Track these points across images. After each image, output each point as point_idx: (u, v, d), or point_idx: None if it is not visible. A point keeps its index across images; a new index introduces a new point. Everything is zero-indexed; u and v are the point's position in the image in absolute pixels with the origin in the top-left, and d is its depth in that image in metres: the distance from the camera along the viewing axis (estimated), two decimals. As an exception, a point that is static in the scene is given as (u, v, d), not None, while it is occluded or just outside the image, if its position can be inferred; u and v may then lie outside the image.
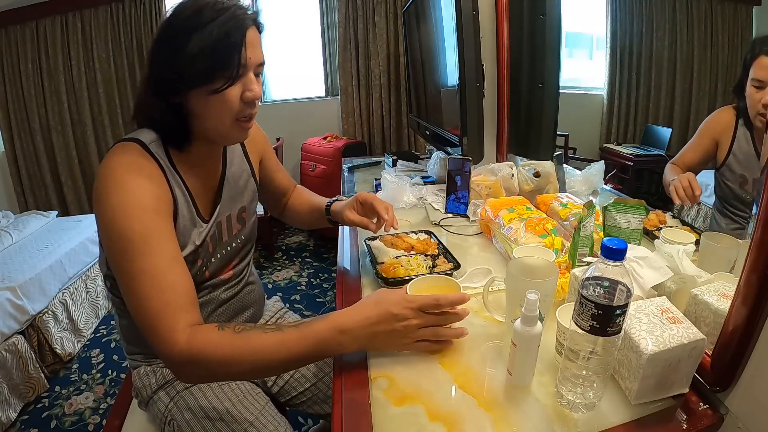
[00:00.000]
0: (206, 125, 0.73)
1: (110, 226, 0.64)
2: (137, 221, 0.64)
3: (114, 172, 0.67)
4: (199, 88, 0.67)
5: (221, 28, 0.65)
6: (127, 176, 0.66)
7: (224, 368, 0.62)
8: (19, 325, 1.78)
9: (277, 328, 0.64)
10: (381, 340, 0.65)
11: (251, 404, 0.84)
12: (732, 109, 0.98)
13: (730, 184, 1.02)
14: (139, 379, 0.88)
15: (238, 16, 0.67)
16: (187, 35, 0.65)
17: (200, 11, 0.65)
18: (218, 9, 0.66)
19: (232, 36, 0.66)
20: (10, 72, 3.02)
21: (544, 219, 0.99)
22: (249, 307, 0.97)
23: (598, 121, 1.47)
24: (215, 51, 0.65)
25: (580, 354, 0.54)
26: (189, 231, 0.77)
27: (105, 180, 0.66)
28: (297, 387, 1.00)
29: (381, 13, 3.10)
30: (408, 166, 1.94)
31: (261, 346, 0.62)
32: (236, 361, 0.62)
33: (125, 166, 0.68)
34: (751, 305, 0.53)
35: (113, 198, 0.65)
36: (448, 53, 1.36)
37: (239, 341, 0.62)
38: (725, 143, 1.01)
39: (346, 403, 0.62)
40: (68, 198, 3.29)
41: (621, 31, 1.33)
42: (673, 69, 1.21)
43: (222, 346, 0.61)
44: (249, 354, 0.62)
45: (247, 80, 0.70)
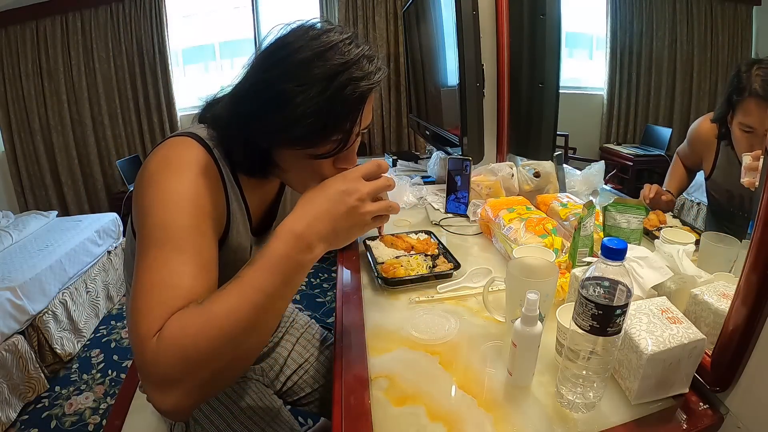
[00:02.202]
0: (288, 177, 0.66)
1: (152, 209, 0.56)
2: (182, 213, 0.56)
3: (173, 159, 0.60)
4: (299, 150, 0.58)
5: (346, 90, 0.54)
6: (185, 168, 0.59)
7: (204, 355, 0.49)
8: (19, 325, 1.78)
9: (234, 279, 0.53)
10: (342, 225, 0.55)
11: (269, 403, 0.83)
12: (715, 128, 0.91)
13: (718, 197, 1.01)
14: None
15: (370, 73, 0.56)
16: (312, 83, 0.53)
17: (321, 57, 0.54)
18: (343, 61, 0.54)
19: (357, 101, 0.56)
20: (10, 72, 3.02)
21: (544, 219, 0.99)
22: None
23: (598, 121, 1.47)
24: (333, 115, 0.55)
25: (580, 354, 0.54)
26: (243, 249, 0.72)
27: (161, 165, 0.59)
28: (305, 388, 0.99)
29: (381, 13, 3.10)
30: (408, 166, 1.95)
31: (227, 304, 0.50)
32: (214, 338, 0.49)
33: (186, 158, 0.60)
34: (751, 305, 0.53)
35: (165, 183, 0.57)
36: (448, 53, 1.36)
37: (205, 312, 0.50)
38: (709, 158, 0.99)
39: (346, 403, 0.62)
40: (68, 198, 3.29)
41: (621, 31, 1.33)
42: (673, 69, 1.21)
43: (189, 326, 0.49)
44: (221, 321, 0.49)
45: (349, 151, 0.61)
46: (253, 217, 0.74)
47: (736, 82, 0.81)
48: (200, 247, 0.57)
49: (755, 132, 0.78)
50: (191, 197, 0.58)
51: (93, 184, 3.31)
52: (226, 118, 0.62)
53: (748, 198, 0.88)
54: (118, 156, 3.25)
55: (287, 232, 0.53)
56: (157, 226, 0.55)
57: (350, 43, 0.56)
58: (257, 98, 0.57)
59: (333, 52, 0.55)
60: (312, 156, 0.59)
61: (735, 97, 0.81)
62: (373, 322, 0.81)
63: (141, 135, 3.27)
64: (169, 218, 0.55)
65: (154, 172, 0.58)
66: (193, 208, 0.57)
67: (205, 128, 0.66)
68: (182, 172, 0.59)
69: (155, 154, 0.61)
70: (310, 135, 0.56)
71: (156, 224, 0.55)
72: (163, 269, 0.53)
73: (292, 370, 0.99)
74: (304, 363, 1.00)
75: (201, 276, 0.55)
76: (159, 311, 0.50)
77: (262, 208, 0.78)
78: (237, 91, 0.61)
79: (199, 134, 0.64)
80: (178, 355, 0.48)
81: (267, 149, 0.62)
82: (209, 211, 0.60)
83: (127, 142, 3.27)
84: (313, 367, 1.00)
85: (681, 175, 1.12)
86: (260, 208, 0.77)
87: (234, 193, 0.67)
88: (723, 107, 0.86)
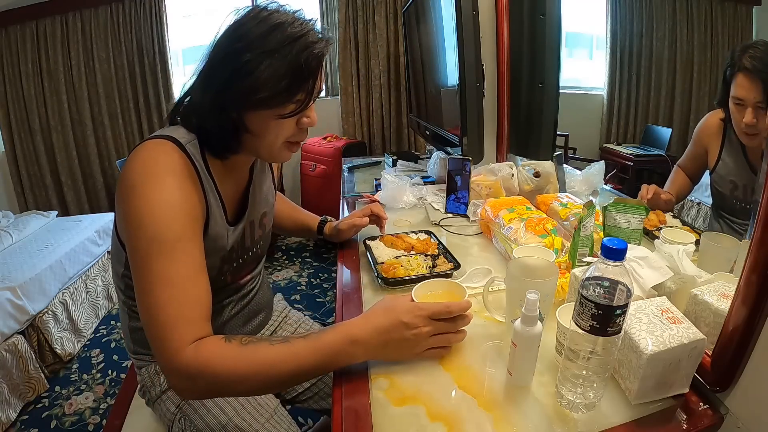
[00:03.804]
0: (258, 143, 0.72)
1: (143, 222, 0.60)
2: (173, 223, 0.61)
3: (152, 168, 0.63)
4: (266, 111, 0.66)
5: (300, 53, 0.63)
6: (166, 175, 0.63)
7: (230, 383, 0.59)
8: (19, 325, 1.78)
9: (285, 340, 0.61)
10: (392, 348, 0.63)
11: (265, 403, 0.85)
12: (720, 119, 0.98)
13: (721, 189, 1.02)
14: (149, 378, 0.87)
15: (318, 43, 0.65)
16: (264, 53, 0.62)
17: (278, 29, 0.63)
18: (297, 31, 0.63)
19: (311, 64, 0.64)
20: (10, 72, 3.02)
21: (544, 219, 0.99)
22: (261, 311, 0.97)
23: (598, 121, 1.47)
24: (293, 76, 0.63)
25: (580, 354, 0.54)
26: (221, 237, 0.75)
27: (142, 174, 0.62)
28: (303, 383, 1.00)
29: (381, 13, 3.10)
30: (408, 166, 1.94)
31: (269, 359, 0.59)
32: (244, 376, 0.58)
33: (164, 164, 0.64)
34: (751, 305, 0.53)
35: (150, 194, 0.61)
36: (448, 53, 1.36)
37: (247, 354, 0.58)
38: (714, 149, 1.01)
39: (346, 403, 0.62)
40: (68, 198, 3.29)
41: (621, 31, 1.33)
42: (673, 69, 1.21)
43: (229, 359, 0.58)
44: (257, 367, 0.58)
45: (310, 109, 0.70)
46: (228, 207, 0.77)
47: (730, 61, 0.88)
48: (193, 251, 0.63)
49: (744, 104, 0.85)
50: (177, 205, 0.62)
51: (93, 184, 3.30)
52: (200, 97, 0.69)
53: (751, 188, 0.91)
54: (118, 156, 3.24)
55: (347, 334, 0.62)
56: (152, 240, 0.60)
57: (299, 17, 0.66)
58: (226, 70, 0.64)
59: (287, 24, 0.63)
60: (278, 116, 0.67)
61: (728, 75, 0.88)
62: (373, 322, 0.80)
63: (141, 135, 3.27)
64: (161, 231, 0.60)
65: (137, 183, 0.62)
66: (181, 216, 0.62)
67: (177, 128, 0.71)
68: (164, 180, 0.62)
69: (133, 161, 0.64)
70: (276, 95, 0.64)
71: (150, 238, 0.60)
72: (168, 284, 0.59)
73: None
74: None
75: (200, 278, 0.63)
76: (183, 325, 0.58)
77: (236, 198, 0.82)
78: (205, 73, 0.68)
79: (173, 135, 0.68)
80: (209, 380, 0.57)
81: (239, 118, 0.68)
82: (194, 213, 0.65)
83: (127, 142, 3.27)
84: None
85: (681, 182, 1.13)
86: (234, 198, 0.81)
87: (209, 187, 0.72)
88: (721, 89, 0.92)
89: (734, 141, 0.95)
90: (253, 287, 0.93)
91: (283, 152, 0.74)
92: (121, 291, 0.82)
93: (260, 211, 0.88)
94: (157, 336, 0.58)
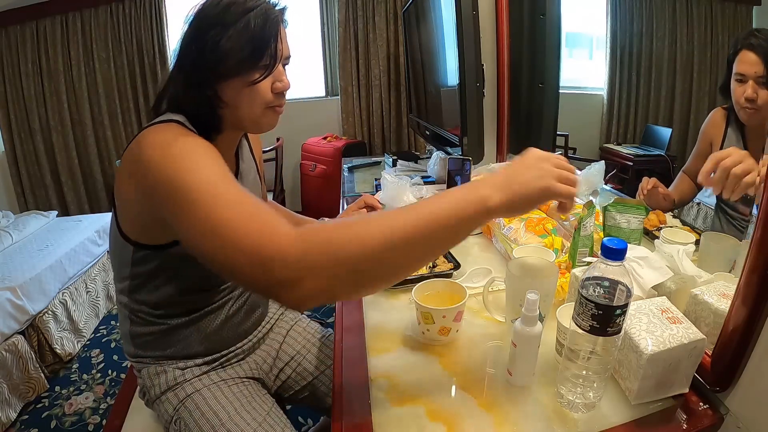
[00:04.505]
0: (239, 114, 0.74)
1: (190, 169, 0.57)
2: (215, 163, 0.60)
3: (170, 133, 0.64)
4: (235, 79, 0.69)
5: (256, 21, 0.67)
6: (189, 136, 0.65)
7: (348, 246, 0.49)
8: (19, 325, 1.78)
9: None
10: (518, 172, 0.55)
11: (259, 405, 0.85)
12: (723, 109, 0.99)
13: None
14: (148, 378, 0.87)
15: (271, 10, 0.70)
16: (224, 28, 0.67)
17: (234, 4, 0.67)
18: (251, 3, 0.68)
19: (268, 29, 0.69)
20: (10, 72, 3.02)
21: (544, 219, 0.99)
22: (258, 306, 0.97)
23: (598, 121, 1.47)
24: (253, 43, 0.68)
25: (580, 354, 0.54)
26: None
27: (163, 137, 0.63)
28: (300, 381, 1.00)
29: (381, 13, 3.10)
30: (408, 166, 1.94)
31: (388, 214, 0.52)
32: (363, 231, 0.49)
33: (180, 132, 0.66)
34: (751, 305, 0.53)
35: (181, 144, 0.61)
36: (448, 53, 1.36)
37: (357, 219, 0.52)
38: (717, 143, 1.02)
39: (346, 403, 0.62)
40: (68, 198, 3.29)
41: (621, 31, 1.33)
42: (673, 69, 1.21)
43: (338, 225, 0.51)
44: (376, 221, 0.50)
45: (277, 72, 0.73)
46: None
47: (733, 44, 0.91)
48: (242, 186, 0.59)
49: (745, 79, 0.87)
50: (209, 150, 0.62)
51: (93, 184, 3.30)
52: (176, 84, 0.72)
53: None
54: (118, 156, 3.24)
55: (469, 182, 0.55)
56: (210, 177, 0.57)
57: None
58: (193, 51, 0.69)
59: (242, 1, 0.68)
60: (249, 84, 0.70)
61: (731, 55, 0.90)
62: (373, 322, 0.81)
63: (141, 135, 3.27)
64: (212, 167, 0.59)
65: (165, 146, 0.61)
66: (217, 158, 0.62)
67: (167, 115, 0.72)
68: (186, 137, 0.64)
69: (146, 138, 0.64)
70: (241, 63, 0.68)
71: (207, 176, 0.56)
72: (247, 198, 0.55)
73: (284, 362, 1.00)
74: (296, 355, 1.01)
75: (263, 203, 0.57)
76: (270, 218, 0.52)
77: None
78: (177, 62, 0.72)
79: (167, 118, 0.69)
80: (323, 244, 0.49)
81: (214, 93, 0.71)
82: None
83: (127, 142, 3.25)
84: (306, 360, 1.01)
85: (685, 187, 1.13)
86: None
87: None
88: (724, 74, 0.93)
89: (736, 130, 0.96)
90: None
91: (266, 117, 0.76)
92: (125, 293, 0.81)
93: None
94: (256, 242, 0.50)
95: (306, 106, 3.46)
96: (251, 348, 0.96)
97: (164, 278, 0.78)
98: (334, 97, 3.45)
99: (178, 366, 0.85)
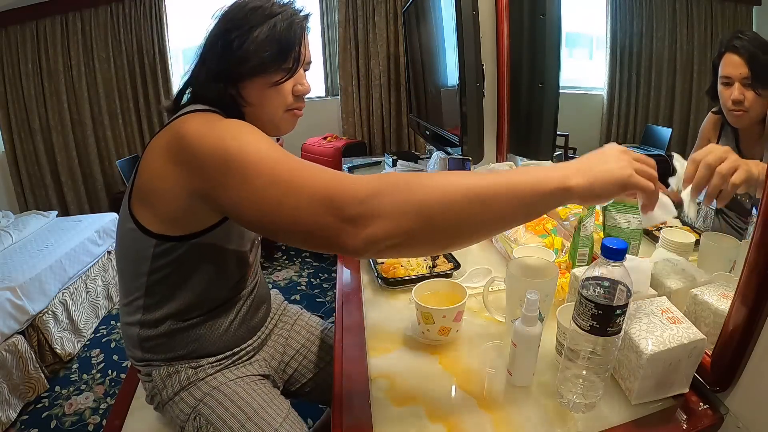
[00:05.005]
0: (260, 114, 0.76)
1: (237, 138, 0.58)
2: (269, 140, 0.60)
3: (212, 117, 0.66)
4: (258, 79, 0.72)
5: (283, 23, 0.70)
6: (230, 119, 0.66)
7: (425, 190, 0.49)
8: (19, 325, 1.78)
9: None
10: (597, 158, 0.54)
11: (280, 402, 0.85)
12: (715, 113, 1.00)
13: None
14: (160, 381, 0.85)
15: (296, 15, 0.73)
16: (250, 28, 0.69)
17: (261, 8, 0.70)
18: (277, 8, 0.71)
19: (293, 31, 0.71)
20: (10, 72, 3.02)
21: (544, 219, 0.99)
22: (264, 301, 0.98)
23: (598, 121, 1.47)
24: (278, 45, 0.70)
25: (580, 354, 0.54)
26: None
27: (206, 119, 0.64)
28: (306, 374, 1.01)
29: (381, 13, 3.10)
30: (408, 166, 1.94)
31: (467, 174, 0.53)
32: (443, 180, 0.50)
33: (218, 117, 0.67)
34: (751, 305, 0.53)
35: (227, 123, 0.63)
36: (448, 53, 1.36)
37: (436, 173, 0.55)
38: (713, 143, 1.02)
39: (346, 403, 0.62)
40: (68, 198, 3.29)
41: (621, 31, 1.33)
42: (673, 69, 1.21)
43: (417, 173, 0.52)
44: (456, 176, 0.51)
45: (299, 75, 0.76)
46: None
47: (718, 48, 0.92)
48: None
49: (731, 81, 0.87)
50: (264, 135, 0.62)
51: (93, 184, 3.30)
52: (203, 76, 0.73)
53: None
54: (118, 156, 3.24)
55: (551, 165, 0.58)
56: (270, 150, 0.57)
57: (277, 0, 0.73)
58: (218, 50, 0.71)
59: (267, 5, 0.71)
60: (272, 84, 0.72)
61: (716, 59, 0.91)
62: (373, 322, 0.81)
63: (141, 135, 3.27)
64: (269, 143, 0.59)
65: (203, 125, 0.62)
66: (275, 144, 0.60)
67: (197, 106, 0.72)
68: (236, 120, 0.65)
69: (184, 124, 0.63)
70: (264, 63, 0.70)
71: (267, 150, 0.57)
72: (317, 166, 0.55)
73: (290, 356, 1.01)
74: (301, 348, 1.02)
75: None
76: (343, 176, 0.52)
77: None
78: (200, 59, 0.75)
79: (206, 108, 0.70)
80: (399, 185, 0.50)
81: (237, 92, 0.73)
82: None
83: (127, 142, 3.27)
84: (311, 352, 1.02)
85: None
86: None
87: None
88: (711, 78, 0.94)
89: (729, 133, 0.96)
90: (254, 279, 0.95)
91: (285, 121, 0.78)
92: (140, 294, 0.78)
93: None
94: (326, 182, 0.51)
95: (306, 106, 3.44)
96: (260, 344, 0.96)
97: (183, 273, 0.77)
98: (334, 97, 3.45)
99: (191, 365, 0.85)
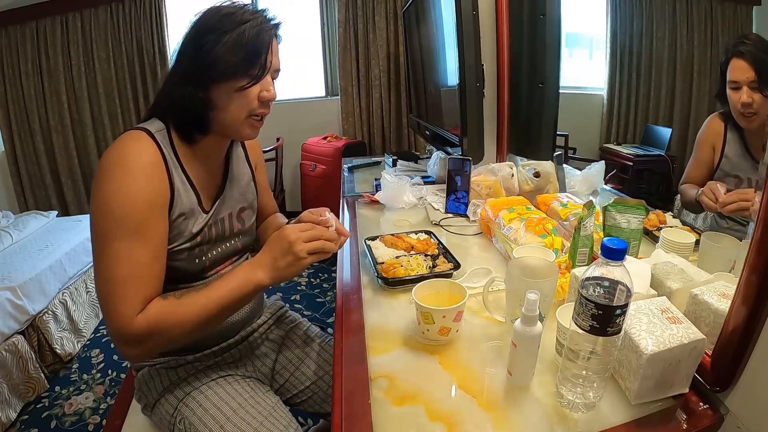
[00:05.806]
0: (224, 117, 0.77)
1: (110, 207, 0.67)
2: (136, 209, 0.68)
3: (122, 157, 0.70)
4: (226, 83, 0.74)
5: (251, 31, 0.73)
6: (135, 164, 0.70)
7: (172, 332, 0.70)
8: (19, 325, 1.78)
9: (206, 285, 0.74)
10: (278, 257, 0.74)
11: (263, 401, 0.85)
12: (720, 114, 1.00)
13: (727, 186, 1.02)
14: (144, 384, 0.88)
15: (266, 24, 0.75)
16: (220, 34, 0.72)
17: (233, 15, 0.73)
18: (248, 15, 0.74)
19: (261, 39, 0.74)
20: (10, 72, 3.02)
21: (544, 219, 0.99)
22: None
23: (598, 121, 1.47)
24: (246, 51, 0.73)
25: (580, 354, 0.54)
26: (188, 219, 0.79)
27: (113, 163, 0.70)
28: (297, 385, 1.00)
29: (381, 13, 3.10)
30: (408, 166, 1.94)
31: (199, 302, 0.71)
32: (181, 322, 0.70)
33: (134, 153, 0.71)
34: (751, 305, 0.53)
35: (118, 179, 0.68)
36: (448, 53, 1.36)
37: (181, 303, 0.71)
38: (718, 148, 1.02)
39: (346, 403, 0.62)
40: (68, 198, 3.29)
41: (621, 31, 1.33)
42: (673, 69, 1.21)
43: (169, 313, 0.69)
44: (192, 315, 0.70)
45: (265, 82, 0.77)
46: (204, 195, 0.83)
47: (724, 53, 0.93)
48: (153, 234, 0.71)
49: (739, 85, 0.89)
50: (139, 191, 0.69)
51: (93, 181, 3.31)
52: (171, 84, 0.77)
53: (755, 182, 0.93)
54: (118, 156, 3.25)
55: (246, 263, 0.76)
56: (118, 221, 0.67)
57: (249, 8, 0.76)
58: (189, 54, 0.75)
59: (239, 12, 0.74)
60: (238, 89, 0.74)
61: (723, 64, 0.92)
62: (373, 322, 0.81)
63: (141, 135, 3.28)
64: (126, 214, 0.68)
65: (108, 170, 0.69)
66: (145, 203, 0.69)
67: (152, 121, 0.78)
68: (130, 168, 0.70)
69: (108, 152, 0.71)
70: (232, 68, 0.73)
71: (116, 219, 0.67)
72: (130, 261, 0.68)
73: (282, 365, 1.01)
74: (294, 359, 1.01)
75: (157, 258, 0.72)
76: (136, 297, 0.68)
77: (212, 187, 0.86)
78: (174, 65, 0.78)
79: (148, 128, 0.75)
80: (156, 333, 0.69)
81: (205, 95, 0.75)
82: (158, 200, 0.73)
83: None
84: (304, 364, 1.01)
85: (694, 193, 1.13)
86: (207, 186, 0.85)
87: (176, 170, 0.77)
88: (719, 81, 0.95)
89: (735, 134, 0.97)
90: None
91: (246, 127, 0.80)
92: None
93: (237, 205, 0.91)
94: (113, 309, 0.67)
95: (306, 106, 3.46)
96: (246, 346, 0.96)
97: None
98: (334, 97, 3.45)
99: (171, 365, 0.86)
